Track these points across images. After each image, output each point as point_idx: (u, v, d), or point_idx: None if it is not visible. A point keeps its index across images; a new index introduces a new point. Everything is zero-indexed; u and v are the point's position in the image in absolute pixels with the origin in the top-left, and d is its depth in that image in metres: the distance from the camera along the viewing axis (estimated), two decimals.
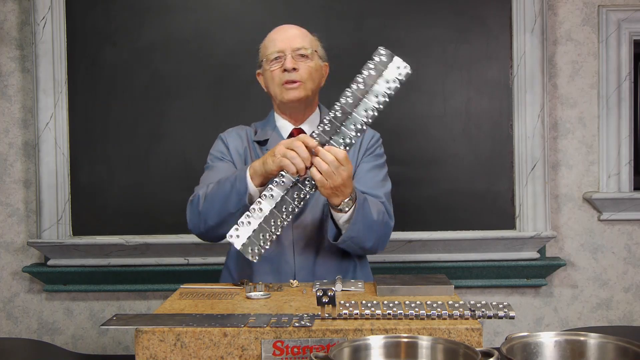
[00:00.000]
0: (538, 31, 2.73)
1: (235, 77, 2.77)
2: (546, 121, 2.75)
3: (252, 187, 1.66)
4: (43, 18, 2.75)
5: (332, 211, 1.70)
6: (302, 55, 1.84)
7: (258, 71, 1.95)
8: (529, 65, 2.74)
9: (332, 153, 1.55)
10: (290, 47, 1.83)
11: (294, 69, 1.81)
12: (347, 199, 1.65)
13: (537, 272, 2.81)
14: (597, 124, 2.84)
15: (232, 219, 1.67)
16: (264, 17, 2.74)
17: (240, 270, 1.86)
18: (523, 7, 2.72)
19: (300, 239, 1.81)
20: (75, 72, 2.80)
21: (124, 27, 2.79)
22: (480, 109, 2.77)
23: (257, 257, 1.56)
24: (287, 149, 1.56)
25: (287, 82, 1.83)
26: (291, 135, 1.89)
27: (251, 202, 1.63)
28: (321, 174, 1.55)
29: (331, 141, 1.57)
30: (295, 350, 1.24)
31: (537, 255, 2.80)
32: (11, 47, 2.86)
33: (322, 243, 1.82)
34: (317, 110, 1.95)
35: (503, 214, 2.78)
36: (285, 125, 1.91)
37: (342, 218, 1.69)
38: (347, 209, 1.67)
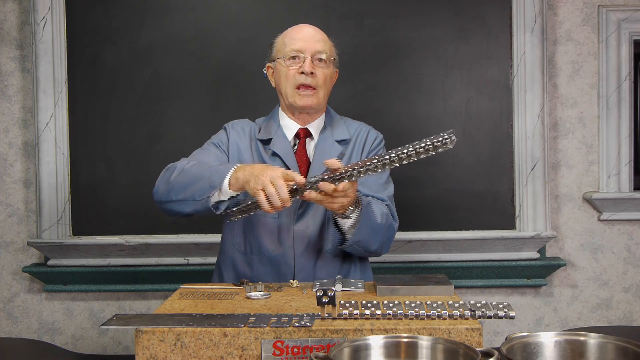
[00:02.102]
0: (538, 31, 2.73)
1: (235, 76, 2.77)
2: (546, 121, 2.75)
3: (226, 187, 1.62)
4: (43, 18, 2.75)
5: (336, 217, 1.70)
6: (321, 60, 1.82)
7: (268, 64, 1.92)
8: (529, 65, 2.74)
9: (323, 189, 1.52)
10: (311, 48, 1.81)
11: (312, 73, 1.80)
12: (352, 207, 1.65)
13: (537, 272, 2.81)
14: (597, 124, 2.84)
15: (192, 204, 1.67)
16: (264, 17, 2.74)
17: (240, 273, 1.85)
18: (523, 7, 2.72)
19: (301, 241, 1.81)
20: (75, 72, 2.80)
21: (124, 27, 2.79)
22: (480, 109, 2.77)
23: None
24: (271, 183, 1.50)
25: (302, 86, 1.81)
26: (297, 135, 1.88)
27: (218, 200, 1.64)
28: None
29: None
30: (295, 350, 1.24)
31: (537, 255, 2.80)
32: (11, 47, 2.86)
33: (323, 246, 1.82)
34: (324, 110, 1.94)
35: (503, 214, 2.78)
36: (290, 125, 1.90)
37: (346, 224, 1.69)
38: (352, 215, 1.67)
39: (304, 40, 1.82)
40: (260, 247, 1.82)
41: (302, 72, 1.80)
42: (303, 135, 1.89)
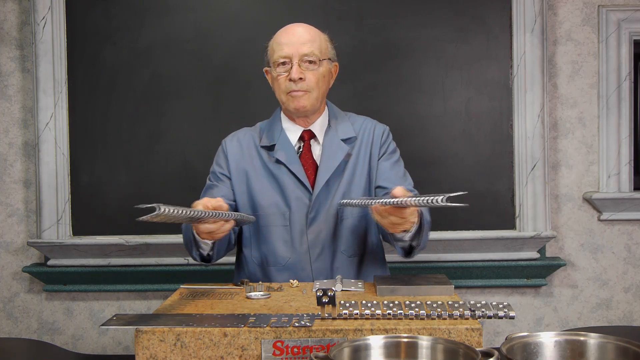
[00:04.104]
0: (538, 31, 2.73)
1: (235, 77, 2.77)
2: (546, 121, 2.75)
3: (197, 237, 1.68)
4: (43, 18, 2.75)
5: (395, 234, 1.66)
6: (310, 62, 1.78)
7: (265, 68, 1.90)
8: (529, 65, 2.74)
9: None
10: (298, 53, 1.77)
11: (301, 78, 1.77)
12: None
13: (537, 272, 2.81)
14: (597, 124, 2.84)
15: (197, 258, 1.76)
16: (264, 17, 2.74)
17: (259, 280, 1.83)
18: (523, 7, 2.72)
19: (315, 245, 1.80)
20: (75, 72, 2.80)
21: (124, 27, 2.79)
22: (480, 109, 2.77)
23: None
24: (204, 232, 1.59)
25: (293, 92, 1.79)
26: (301, 138, 1.87)
27: (204, 250, 1.71)
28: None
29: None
30: (295, 350, 1.24)
31: (537, 255, 2.80)
32: (11, 47, 2.86)
33: (338, 247, 1.81)
34: (326, 110, 1.91)
35: (503, 214, 2.78)
36: (292, 128, 1.88)
37: (406, 235, 1.66)
38: (411, 229, 1.63)
39: (290, 45, 1.78)
40: (276, 257, 1.81)
41: (291, 79, 1.78)
42: (307, 137, 1.87)
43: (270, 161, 1.84)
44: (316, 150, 1.87)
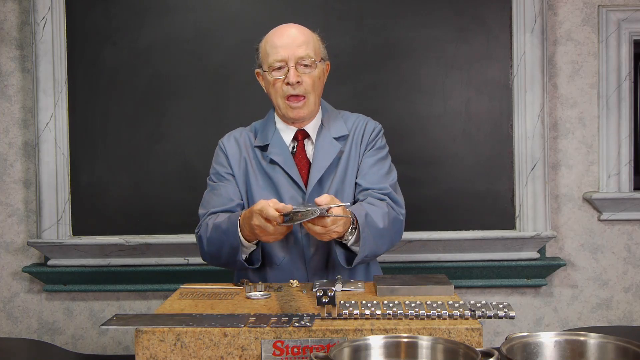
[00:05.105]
0: (538, 31, 2.73)
1: (235, 77, 2.77)
2: (546, 121, 2.76)
3: (245, 241, 1.68)
4: (43, 18, 2.75)
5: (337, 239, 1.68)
6: (306, 65, 1.77)
7: (257, 70, 1.89)
8: (529, 65, 2.74)
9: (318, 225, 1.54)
10: (294, 56, 1.76)
11: (298, 82, 1.76)
12: (348, 229, 1.64)
13: (537, 272, 2.81)
14: (597, 124, 2.84)
15: (235, 265, 1.74)
16: (264, 17, 2.74)
17: (254, 280, 1.83)
18: (523, 7, 2.72)
19: (310, 244, 1.80)
20: (75, 72, 2.80)
21: (124, 27, 2.79)
22: (480, 109, 2.77)
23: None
24: (263, 231, 1.58)
25: (291, 97, 1.78)
26: (295, 137, 1.87)
27: (246, 254, 1.71)
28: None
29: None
30: (295, 350, 1.24)
31: (537, 255, 2.80)
32: (11, 47, 2.86)
33: (332, 246, 1.80)
34: (319, 109, 1.91)
35: (503, 214, 2.78)
36: (286, 128, 1.87)
37: (349, 241, 1.67)
38: (350, 236, 1.66)
39: (286, 48, 1.76)
40: (272, 258, 1.81)
41: (288, 83, 1.77)
42: (301, 137, 1.86)
43: (265, 161, 1.84)
44: (310, 149, 1.86)
